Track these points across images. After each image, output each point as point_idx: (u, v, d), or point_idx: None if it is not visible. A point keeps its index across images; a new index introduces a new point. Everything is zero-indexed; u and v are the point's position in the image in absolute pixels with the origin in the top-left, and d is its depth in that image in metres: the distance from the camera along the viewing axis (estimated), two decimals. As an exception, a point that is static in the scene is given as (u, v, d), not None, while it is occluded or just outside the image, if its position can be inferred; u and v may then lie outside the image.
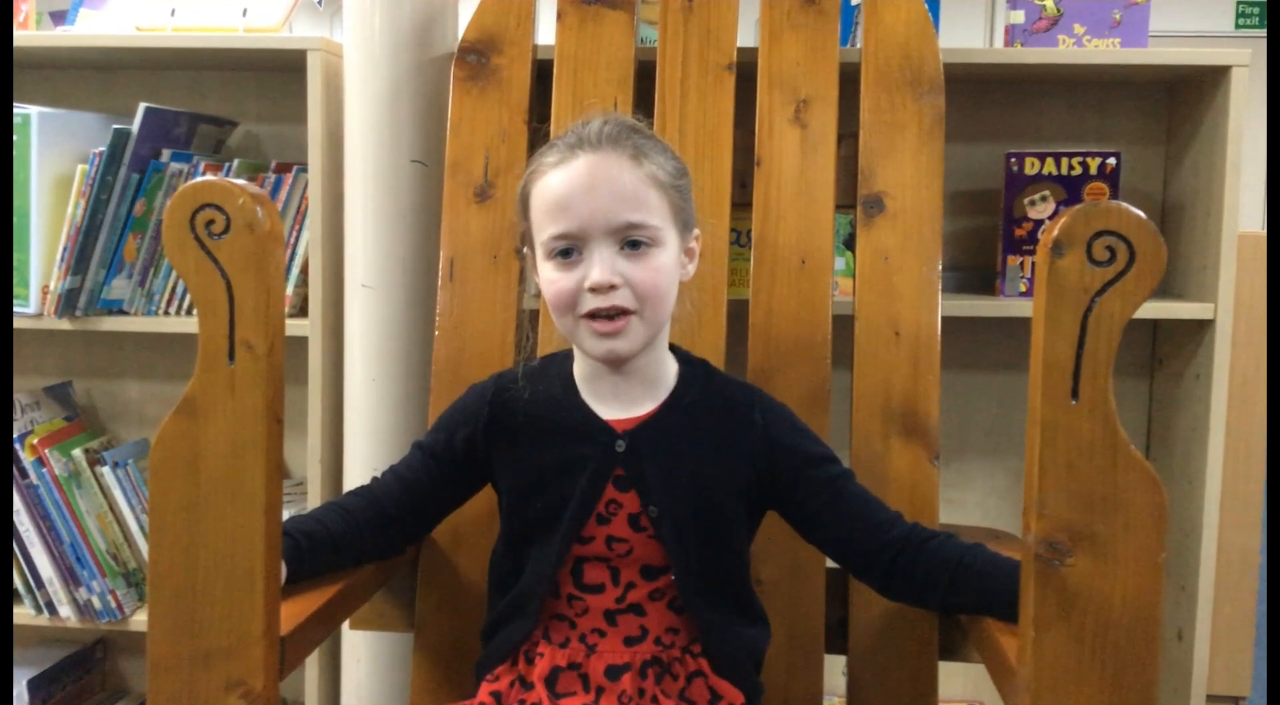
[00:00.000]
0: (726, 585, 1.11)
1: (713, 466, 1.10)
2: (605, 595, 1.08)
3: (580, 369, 1.13)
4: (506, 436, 1.13)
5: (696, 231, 1.12)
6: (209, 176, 0.90)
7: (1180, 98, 1.72)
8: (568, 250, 1.04)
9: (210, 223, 0.88)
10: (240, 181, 0.89)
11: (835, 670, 1.37)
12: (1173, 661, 1.64)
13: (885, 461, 1.27)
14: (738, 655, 1.10)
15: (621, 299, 1.03)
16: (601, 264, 1.03)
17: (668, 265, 1.06)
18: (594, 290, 1.03)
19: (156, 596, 0.91)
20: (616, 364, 1.08)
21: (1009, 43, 1.68)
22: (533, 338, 1.29)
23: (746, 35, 1.41)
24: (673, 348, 1.15)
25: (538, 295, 1.15)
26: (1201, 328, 1.60)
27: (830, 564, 1.21)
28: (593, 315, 1.04)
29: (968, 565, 1.07)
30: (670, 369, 1.13)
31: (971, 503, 1.82)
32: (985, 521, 1.74)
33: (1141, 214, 0.83)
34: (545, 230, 1.05)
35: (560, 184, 1.04)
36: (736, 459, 1.10)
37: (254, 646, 0.90)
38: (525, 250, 1.12)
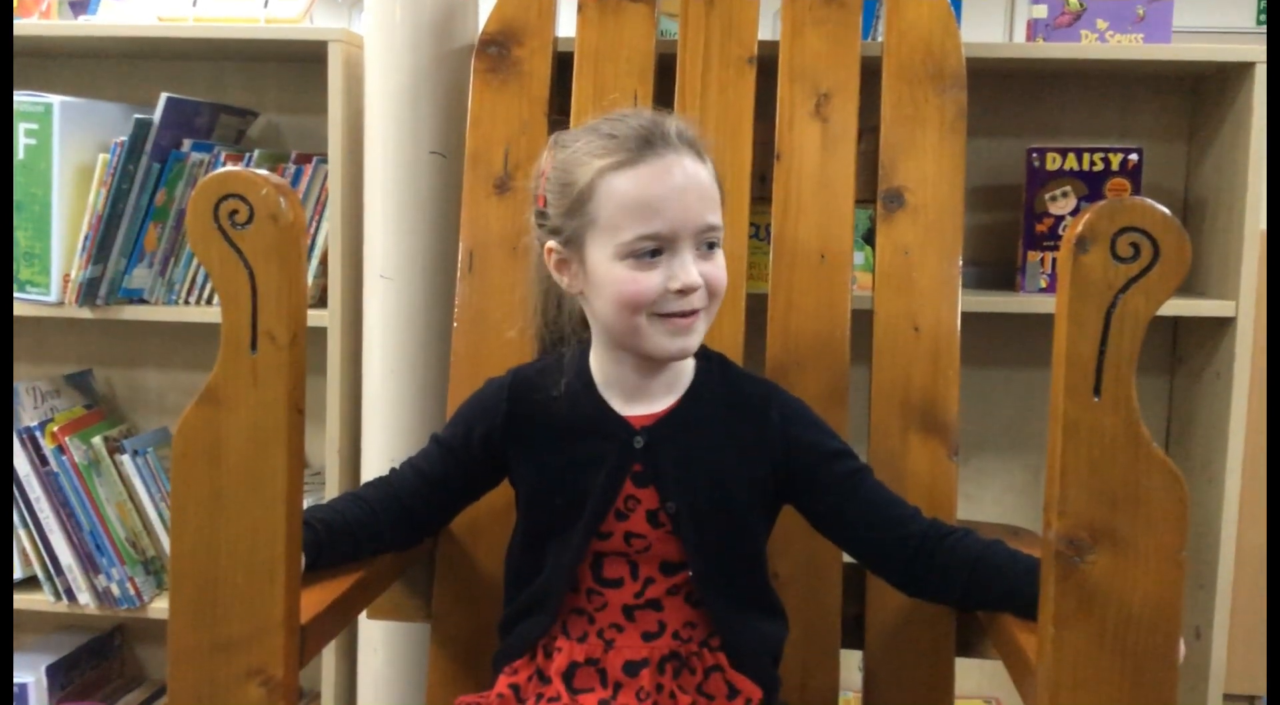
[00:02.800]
0: (744, 580, 1.11)
1: (730, 462, 1.10)
2: (624, 590, 1.09)
3: (601, 365, 1.12)
4: (524, 432, 1.13)
5: None
6: (232, 167, 0.90)
7: (1203, 94, 1.71)
8: (654, 251, 1.03)
9: (234, 213, 0.88)
10: (263, 172, 0.89)
11: (851, 665, 1.37)
12: (1190, 660, 1.63)
13: (903, 457, 1.27)
14: (756, 649, 1.10)
15: (699, 299, 1.04)
16: (690, 266, 1.03)
17: (724, 261, 1.07)
18: (682, 293, 1.03)
19: (178, 585, 0.91)
20: (676, 361, 1.09)
21: (1031, 37, 1.67)
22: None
23: (767, 29, 1.41)
24: (689, 342, 1.14)
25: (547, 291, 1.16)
26: (1222, 325, 1.59)
27: (847, 559, 1.21)
28: (668, 314, 1.04)
29: (986, 562, 1.06)
30: (688, 364, 1.13)
31: (989, 499, 1.82)
32: (1002, 518, 1.74)
33: (1166, 210, 0.83)
34: (628, 231, 1.03)
35: (650, 184, 1.02)
36: (753, 455, 1.10)
37: (274, 635, 0.91)
38: (556, 245, 1.08)
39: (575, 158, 1.06)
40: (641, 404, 1.11)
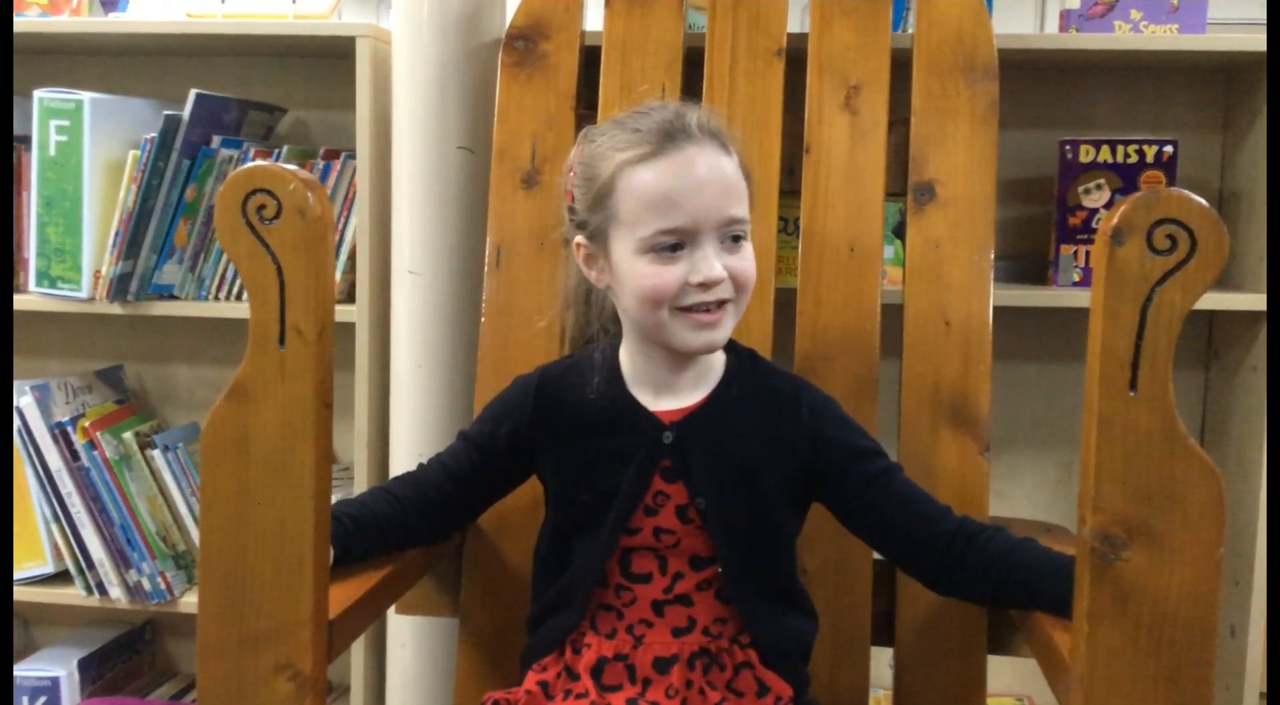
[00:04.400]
0: (774, 576, 1.10)
1: (759, 459, 1.09)
2: (653, 585, 1.08)
3: (631, 360, 1.12)
4: (552, 429, 1.12)
5: None
6: (260, 162, 0.90)
7: (1238, 85, 1.69)
8: (674, 245, 1.03)
9: (262, 208, 0.88)
10: (291, 167, 0.89)
11: (882, 662, 1.36)
12: (1225, 658, 1.61)
13: (934, 453, 1.26)
14: (785, 646, 1.09)
15: (724, 292, 1.03)
16: (712, 260, 1.02)
17: (753, 255, 1.06)
18: (704, 286, 1.02)
19: (206, 579, 0.92)
20: (704, 354, 1.08)
21: (1064, 28, 1.65)
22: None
23: (795, 21, 1.40)
24: (719, 337, 1.13)
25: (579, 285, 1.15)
26: (1258, 319, 1.57)
27: (877, 555, 1.20)
28: (690, 308, 1.03)
29: (1017, 560, 1.05)
30: (718, 358, 1.12)
31: (1020, 495, 1.80)
32: (1035, 514, 1.72)
33: (1203, 202, 0.81)
34: (648, 225, 1.02)
35: (669, 178, 1.02)
36: (783, 452, 1.09)
37: (302, 629, 0.91)
38: (583, 240, 1.08)
39: (599, 152, 1.06)
40: (670, 399, 1.10)
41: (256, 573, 0.91)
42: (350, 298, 1.66)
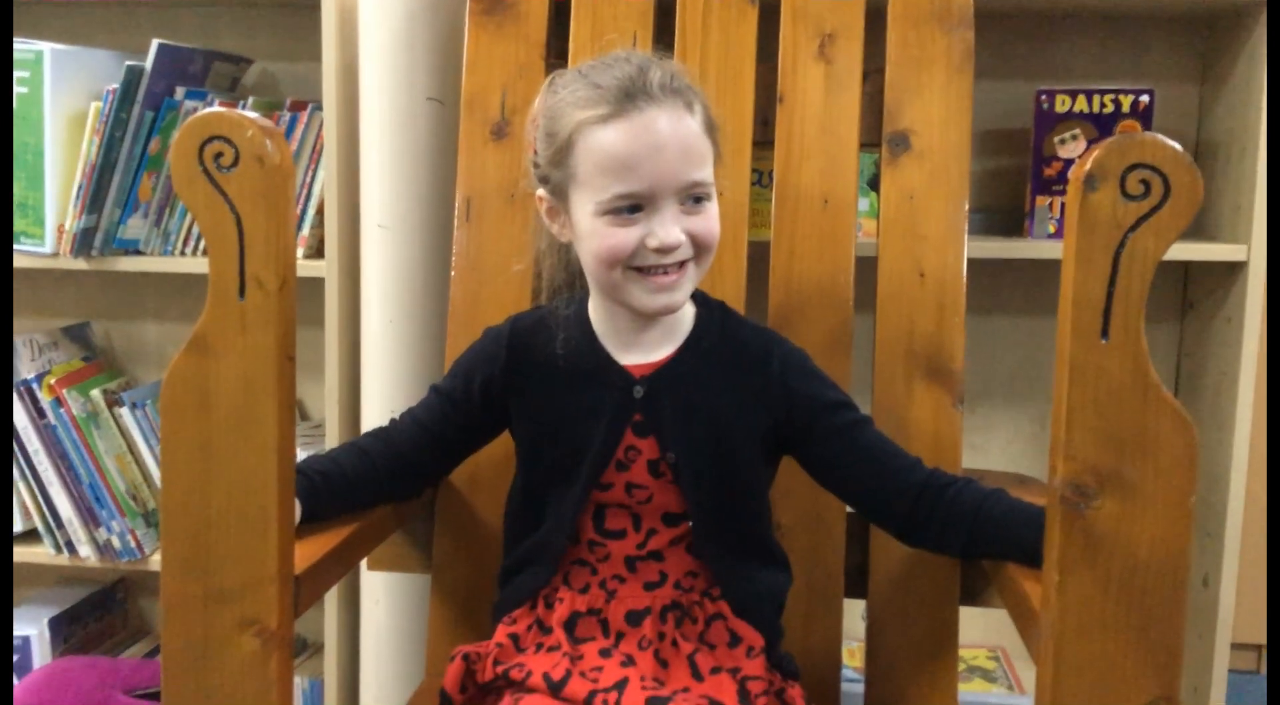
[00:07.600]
0: (745, 530, 1.09)
1: (730, 412, 1.08)
2: (627, 541, 1.07)
3: (598, 313, 1.10)
4: (523, 381, 1.11)
5: None
6: (218, 108, 0.87)
7: (1216, 34, 1.67)
8: (632, 207, 1.01)
9: (219, 155, 0.86)
10: (250, 114, 0.87)
11: (855, 615, 1.36)
12: (1198, 608, 1.62)
13: (907, 406, 1.25)
14: (757, 599, 1.09)
15: (683, 254, 1.02)
16: (670, 224, 1.00)
17: (717, 213, 1.04)
18: (661, 250, 1.00)
19: (169, 535, 0.90)
20: (664, 315, 1.06)
21: (1041, -23, 1.63)
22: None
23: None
24: (688, 290, 1.12)
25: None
26: (1233, 270, 1.56)
27: (850, 509, 1.19)
28: (647, 269, 1.01)
29: (988, 511, 1.05)
30: (687, 312, 1.11)
31: (996, 448, 1.80)
32: (1010, 467, 1.73)
33: (1177, 146, 0.80)
34: (606, 189, 1.00)
35: (627, 142, 0.99)
36: (753, 405, 1.08)
37: (268, 585, 0.89)
38: (545, 194, 1.07)
39: (559, 107, 1.03)
40: (640, 353, 1.09)
41: (220, 528, 0.89)
42: (319, 253, 1.63)
